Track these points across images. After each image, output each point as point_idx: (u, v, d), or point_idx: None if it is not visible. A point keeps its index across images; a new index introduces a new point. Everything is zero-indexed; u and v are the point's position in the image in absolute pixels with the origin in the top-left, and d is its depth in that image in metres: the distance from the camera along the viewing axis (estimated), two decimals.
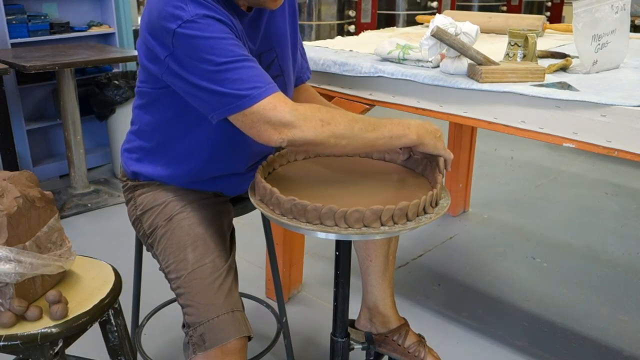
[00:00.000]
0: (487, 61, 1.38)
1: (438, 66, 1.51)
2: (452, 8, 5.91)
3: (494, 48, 1.71)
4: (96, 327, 1.23)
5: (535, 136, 1.33)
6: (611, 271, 2.44)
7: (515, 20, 2.14)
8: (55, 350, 1.13)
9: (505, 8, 6.66)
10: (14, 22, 3.07)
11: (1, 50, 2.96)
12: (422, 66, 1.53)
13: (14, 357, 1.45)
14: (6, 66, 2.56)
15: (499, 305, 2.18)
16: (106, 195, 3.13)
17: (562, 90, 1.28)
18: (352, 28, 5.14)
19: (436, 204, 1.13)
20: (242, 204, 1.48)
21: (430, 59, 1.50)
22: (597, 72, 1.48)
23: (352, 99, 1.67)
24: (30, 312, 1.12)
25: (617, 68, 1.54)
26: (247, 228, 2.46)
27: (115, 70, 3.51)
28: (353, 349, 1.49)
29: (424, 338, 1.65)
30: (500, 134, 1.42)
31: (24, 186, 1.17)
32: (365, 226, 1.03)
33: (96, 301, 1.20)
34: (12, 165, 2.76)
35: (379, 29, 2.45)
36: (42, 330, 1.10)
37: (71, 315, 1.14)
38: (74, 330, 1.14)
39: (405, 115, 1.48)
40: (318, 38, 4.85)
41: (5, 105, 2.73)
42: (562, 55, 1.64)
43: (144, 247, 1.41)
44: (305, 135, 1.07)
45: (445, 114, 1.48)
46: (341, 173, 1.27)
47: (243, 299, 1.27)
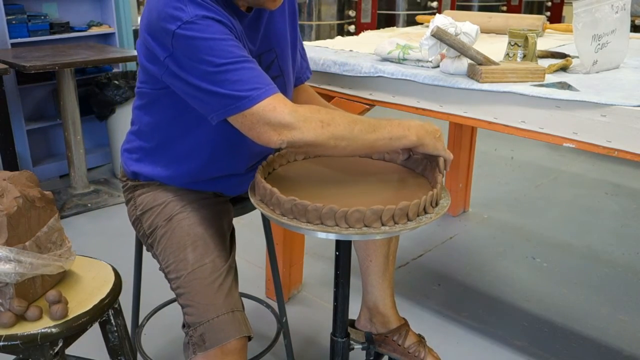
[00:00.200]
0: (487, 61, 1.38)
1: (438, 66, 1.51)
2: (452, 8, 5.91)
3: (494, 48, 1.71)
4: (96, 327, 1.23)
5: (535, 136, 1.33)
6: (611, 271, 2.44)
7: (515, 20, 2.14)
8: (55, 350, 1.13)
9: (505, 8, 6.66)
10: (14, 22, 3.07)
11: (1, 50, 2.96)
12: (422, 66, 1.53)
13: (14, 357, 1.45)
14: (6, 66, 2.56)
15: (499, 305, 2.18)
16: (106, 195, 3.13)
17: (562, 90, 1.28)
18: (352, 28, 5.13)
19: (436, 204, 1.13)
20: (242, 204, 1.48)
21: (430, 59, 1.50)
22: (597, 72, 1.48)
23: (352, 99, 1.67)
24: (30, 312, 1.12)
25: (617, 68, 1.53)
26: (247, 228, 2.46)
27: (115, 70, 3.51)
28: (353, 349, 1.49)
29: (424, 338, 1.65)
30: (500, 134, 1.42)
31: (24, 186, 1.17)
32: (366, 226, 1.03)
33: (96, 301, 1.20)
34: (12, 165, 2.76)
35: (379, 29, 2.44)
36: (42, 330, 1.10)
37: (71, 315, 1.14)
38: (74, 330, 1.14)
39: (405, 115, 1.48)
40: (318, 38, 4.85)
41: (5, 105, 2.73)
42: (562, 55, 1.64)
43: (144, 247, 1.41)
44: (305, 136, 1.07)
45: (445, 114, 1.48)
46: (341, 173, 1.27)
47: (243, 299, 1.27)
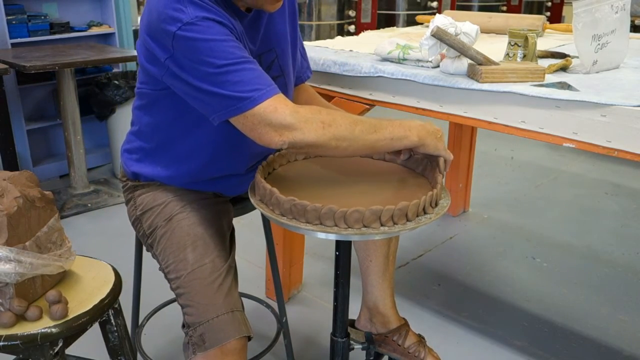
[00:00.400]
0: (487, 61, 1.38)
1: (438, 66, 1.51)
2: (452, 8, 5.91)
3: (494, 48, 1.71)
4: (96, 327, 1.23)
5: (535, 136, 1.33)
6: (611, 271, 2.44)
7: (515, 20, 2.14)
8: (55, 350, 1.12)
9: (505, 8, 6.66)
10: (14, 22, 3.07)
11: (1, 50, 2.96)
12: (422, 66, 1.53)
13: (14, 357, 1.45)
14: (6, 66, 2.56)
15: (499, 305, 2.18)
16: (106, 195, 3.13)
17: (562, 90, 1.28)
18: (352, 28, 5.13)
19: (436, 204, 1.13)
20: (242, 204, 1.48)
21: (430, 59, 1.50)
22: (597, 72, 1.47)
23: (352, 99, 1.67)
24: (30, 312, 1.12)
25: (617, 68, 1.53)
26: (247, 228, 2.46)
27: (115, 70, 3.51)
28: (353, 349, 1.49)
29: (424, 338, 1.65)
30: (500, 134, 1.42)
31: (24, 186, 1.17)
32: (365, 226, 1.03)
33: (96, 301, 1.20)
34: (12, 165, 2.76)
35: (379, 29, 2.44)
36: (42, 330, 1.10)
37: (71, 315, 1.14)
38: (74, 330, 1.14)
39: (405, 115, 1.48)
40: (318, 38, 4.85)
41: (5, 105, 2.73)
42: (562, 55, 1.64)
43: (144, 247, 1.41)
44: (306, 137, 1.07)
45: (445, 114, 1.48)
46: (341, 173, 1.27)
47: (243, 299, 1.27)
